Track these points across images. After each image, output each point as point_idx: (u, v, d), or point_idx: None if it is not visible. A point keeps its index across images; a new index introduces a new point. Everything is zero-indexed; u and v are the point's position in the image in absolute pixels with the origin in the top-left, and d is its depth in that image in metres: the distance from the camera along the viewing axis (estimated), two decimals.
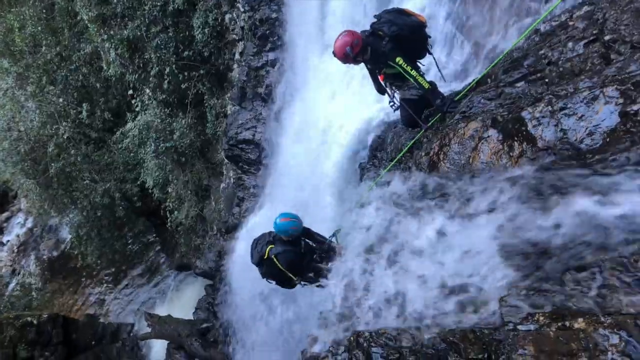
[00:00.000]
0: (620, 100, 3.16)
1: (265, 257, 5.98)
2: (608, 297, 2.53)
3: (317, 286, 6.14)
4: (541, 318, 2.69)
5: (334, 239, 6.39)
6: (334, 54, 5.26)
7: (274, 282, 6.35)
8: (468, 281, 3.31)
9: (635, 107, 3.05)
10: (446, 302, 3.32)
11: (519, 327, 2.74)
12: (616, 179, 2.89)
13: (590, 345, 2.36)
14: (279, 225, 5.93)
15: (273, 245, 5.98)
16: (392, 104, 5.71)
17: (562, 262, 2.88)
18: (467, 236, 3.58)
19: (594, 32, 3.91)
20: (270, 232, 6.18)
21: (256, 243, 6.23)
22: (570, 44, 4.07)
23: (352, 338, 3.71)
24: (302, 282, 6.21)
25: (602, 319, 2.44)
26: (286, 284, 6.33)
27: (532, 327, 2.69)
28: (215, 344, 14.25)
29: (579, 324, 2.49)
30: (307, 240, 6.37)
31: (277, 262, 5.88)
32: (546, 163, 3.41)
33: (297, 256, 6.01)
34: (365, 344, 3.53)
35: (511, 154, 3.86)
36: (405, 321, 3.51)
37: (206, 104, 12.72)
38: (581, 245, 2.85)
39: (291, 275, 6.00)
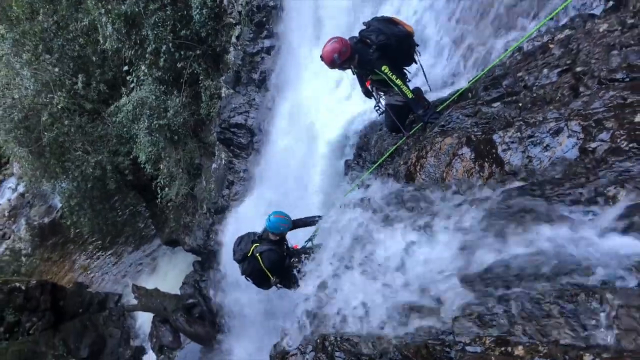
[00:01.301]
0: (582, 136, 3.33)
1: (249, 254, 6.24)
2: (548, 327, 2.73)
3: (292, 289, 6.42)
4: (488, 341, 2.89)
5: (309, 243, 6.63)
6: (322, 58, 5.38)
7: (251, 281, 6.60)
8: (427, 296, 3.51)
9: (593, 145, 3.22)
10: (405, 315, 3.53)
11: (467, 347, 2.95)
12: (568, 213, 3.08)
13: None
14: (273, 221, 6.24)
15: (258, 244, 6.25)
16: (377, 108, 5.86)
17: (514, 289, 3.07)
18: (431, 252, 3.77)
19: (568, 61, 4.06)
20: (254, 232, 6.45)
21: (240, 241, 6.49)
22: (545, 71, 4.22)
23: (318, 340, 3.93)
24: (278, 285, 6.49)
25: (540, 348, 2.65)
26: (263, 284, 6.62)
27: (478, 349, 2.90)
28: (200, 320, 14.58)
29: (519, 351, 2.69)
30: (288, 245, 6.66)
31: (260, 260, 6.14)
32: (510, 189, 3.59)
33: (280, 257, 6.31)
34: (329, 348, 3.75)
35: (481, 173, 4.04)
36: (367, 329, 3.72)
37: (201, 85, 12.78)
38: (532, 274, 3.04)
39: (270, 275, 6.28)
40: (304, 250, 6.52)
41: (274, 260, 6.22)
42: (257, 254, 6.20)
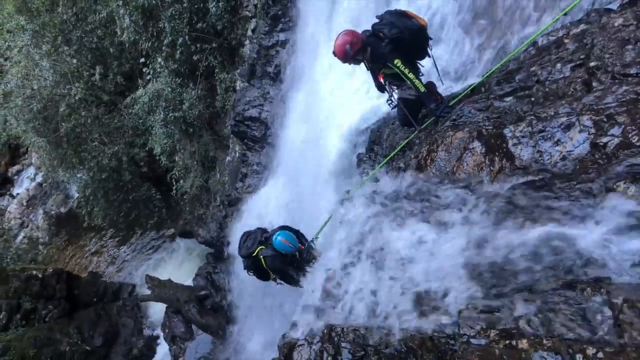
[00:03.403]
0: (593, 131, 3.30)
1: (254, 254, 6.35)
2: (552, 321, 2.73)
3: (293, 285, 6.52)
4: (492, 334, 2.90)
5: (312, 244, 6.68)
6: (334, 53, 5.38)
7: (252, 274, 6.81)
8: (434, 289, 3.52)
9: (604, 140, 3.19)
10: (412, 307, 3.54)
11: (472, 340, 2.96)
12: (577, 208, 3.06)
13: None
14: (278, 243, 6.31)
15: (264, 247, 6.35)
16: (390, 102, 5.83)
17: (520, 283, 3.07)
18: (439, 245, 3.77)
19: (581, 56, 4.01)
20: (263, 231, 6.50)
21: (247, 237, 6.60)
22: (558, 65, 4.18)
23: (325, 331, 3.97)
24: (278, 281, 6.60)
25: (544, 341, 2.65)
26: (263, 278, 6.82)
27: (483, 341, 2.90)
28: (212, 311, 14.71)
29: (523, 344, 2.70)
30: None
31: (263, 263, 6.32)
32: (519, 183, 3.57)
33: (283, 263, 6.41)
34: (336, 339, 3.78)
35: (492, 168, 4.02)
36: (374, 320, 3.74)
37: (216, 77, 12.83)
38: (539, 269, 3.04)
39: (271, 273, 6.52)
40: (307, 257, 6.57)
41: (277, 266, 6.37)
42: (261, 257, 6.33)
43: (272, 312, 10.33)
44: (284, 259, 6.46)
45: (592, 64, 3.86)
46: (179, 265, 19.82)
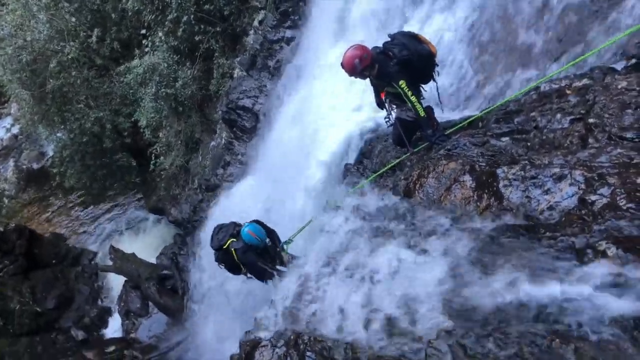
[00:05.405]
0: (583, 186, 3.41)
1: (225, 247, 6.44)
2: None
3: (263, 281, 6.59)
4: None
5: (284, 247, 6.76)
6: (342, 65, 5.42)
7: (223, 267, 6.92)
8: (405, 314, 3.58)
9: (593, 197, 3.29)
10: (380, 327, 3.59)
11: None
12: (556, 259, 3.15)
13: None
14: (245, 234, 6.41)
15: (235, 240, 6.43)
16: (387, 120, 5.90)
17: (491, 324, 3.14)
18: (416, 271, 3.83)
19: (582, 111, 4.13)
20: (235, 225, 6.58)
21: (219, 229, 6.71)
22: (558, 116, 4.29)
23: (292, 337, 3.99)
24: (248, 275, 6.70)
25: None
26: (234, 271, 6.91)
27: None
28: (171, 292, 14.61)
29: None
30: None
31: (234, 256, 6.42)
32: (504, 224, 3.66)
33: (253, 257, 6.48)
34: (302, 347, 3.81)
35: (479, 204, 4.11)
36: (342, 335, 3.78)
37: (215, 61, 12.75)
38: (511, 313, 3.11)
39: (242, 267, 6.59)
40: (278, 257, 6.65)
41: (248, 259, 6.45)
42: (232, 249, 6.40)
43: (234, 305, 10.31)
44: (254, 251, 6.52)
45: (591, 120, 3.98)
46: (144, 241, 19.60)
